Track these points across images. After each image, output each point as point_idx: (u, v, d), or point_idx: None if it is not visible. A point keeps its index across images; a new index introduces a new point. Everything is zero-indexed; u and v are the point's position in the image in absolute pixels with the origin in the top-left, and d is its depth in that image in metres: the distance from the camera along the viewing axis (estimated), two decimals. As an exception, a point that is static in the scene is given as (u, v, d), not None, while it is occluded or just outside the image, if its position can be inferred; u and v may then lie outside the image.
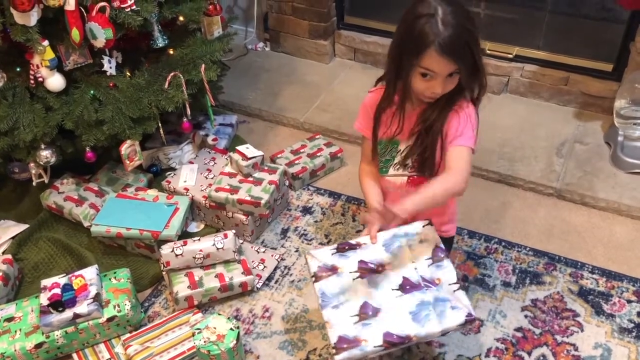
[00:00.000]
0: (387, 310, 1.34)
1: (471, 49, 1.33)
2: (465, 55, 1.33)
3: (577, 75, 2.48)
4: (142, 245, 1.98)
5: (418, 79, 1.38)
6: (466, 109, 1.46)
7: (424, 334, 1.30)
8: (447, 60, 1.32)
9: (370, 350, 1.28)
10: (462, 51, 1.32)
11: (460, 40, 1.31)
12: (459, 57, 1.33)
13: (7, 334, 1.66)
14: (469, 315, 1.32)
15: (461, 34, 1.31)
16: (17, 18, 1.71)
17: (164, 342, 1.70)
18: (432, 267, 1.41)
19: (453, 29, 1.30)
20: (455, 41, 1.30)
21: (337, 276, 1.41)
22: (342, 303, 1.36)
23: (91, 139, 1.95)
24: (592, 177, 2.20)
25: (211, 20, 2.18)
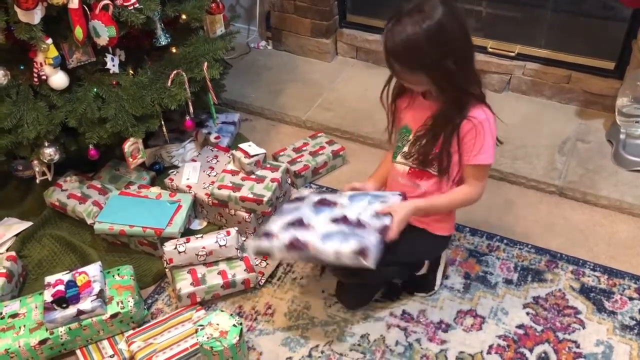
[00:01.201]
0: (312, 227, 1.54)
1: (414, 60, 1.41)
2: (405, 62, 1.43)
3: (579, 74, 2.49)
4: (145, 243, 1.99)
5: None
6: (484, 122, 1.49)
7: (320, 248, 1.48)
8: (389, 62, 1.45)
9: (275, 246, 1.53)
10: (402, 58, 1.42)
11: (401, 55, 1.41)
12: (397, 62, 1.44)
13: (12, 330, 1.67)
14: (362, 246, 1.44)
15: (403, 49, 1.40)
16: (21, 16, 1.72)
17: (167, 338, 1.71)
18: (373, 217, 1.53)
19: (400, 35, 1.39)
20: (395, 47, 1.40)
21: (301, 203, 1.67)
22: (288, 214, 1.62)
23: (94, 136, 1.96)
24: (594, 175, 2.21)
25: (214, 19, 2.18)
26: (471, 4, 2.65)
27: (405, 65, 1.43)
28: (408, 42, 1.38)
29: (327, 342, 1.75)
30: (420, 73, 1.43)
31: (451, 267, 1.94)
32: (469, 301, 1.84)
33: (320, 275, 1.92)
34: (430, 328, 1.77)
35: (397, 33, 1.39)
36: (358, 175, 2.25)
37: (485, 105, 1.53)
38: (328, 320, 1.81)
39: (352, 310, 1.82)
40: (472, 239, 2.04)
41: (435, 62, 1.39)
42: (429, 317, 1.80)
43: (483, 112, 1.50)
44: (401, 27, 1.38)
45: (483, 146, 1.49)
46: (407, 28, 1.37)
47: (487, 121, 1.50)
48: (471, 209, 2.13)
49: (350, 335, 1.76)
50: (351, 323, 1.79)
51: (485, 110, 1.51)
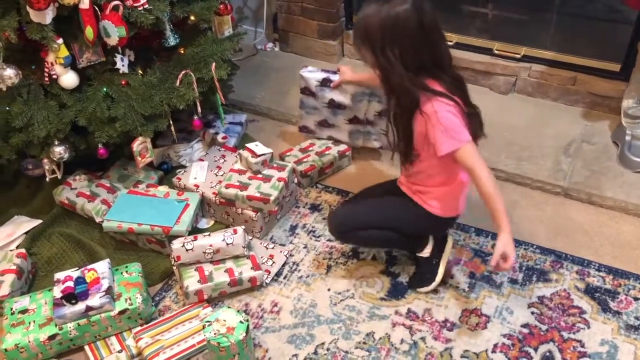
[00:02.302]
0: (333, 122, 2.33)
1: (363, 37, 1.57)
2: (357, 37, 1.61)
3: (584, 75, 2.49)
4: (153, 241, 2.01)
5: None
6: (431, 115, 1.56)
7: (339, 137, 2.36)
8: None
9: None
10: (356, 32, 1.62)
11: (357, 28, 1.62)
12: (354, 35, 1.64)
13: (22, 326, 1.69)
14: (380, 146, 2.35)
15: (360, 24, 1.59)
16: (32, 16, 1.74)
17: (175, 335, 1.73)
18: (376, 117, 2.26)
19: (362, 12, 1.58)
20: (356, 22, 1.62)
21: (314, 100, 2.30)
22: (311, 112, 2.35)
23: (104, 135, 1.99)
24: (600, 176, 2.21)
25: (222, 20, 2.21)
26: (477, 6, 2.66)
27: (357, 39, 1.62)
28: (364, 20, 1.56)
29: (333, 340, 1.76)
30: (367, 51, 1.59)
31: (456, 266, 1.95)
32: (474, 300, 1.85)
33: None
34: (435, 327, 1.78)
35: (362, 10, 1.58)
36: (364, 175, 2.27)
37: (438, 97, 1.58)
38: (334, 318, 1.82)
39: (334, 236, 1.90)
40: (477, 239, 2.05)
41: (380, 47, 1.54)
42: (434, 315, 1.81)
43: (431, 105, 1.56)
44: (367, 7, 1.56)
45: (437, 139, 1.57)
46: (370, 9, 1.55)
47: (434, 114, 1.56)
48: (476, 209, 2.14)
49: (355, 333, 1.78)
50: (357, 321, 1.81)
51: (435, 103, 1.57)
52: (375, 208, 1.83)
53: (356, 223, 1.82)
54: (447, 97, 1.58)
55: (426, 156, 1.67)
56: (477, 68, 2.68)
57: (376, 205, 1.84)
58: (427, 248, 1.88)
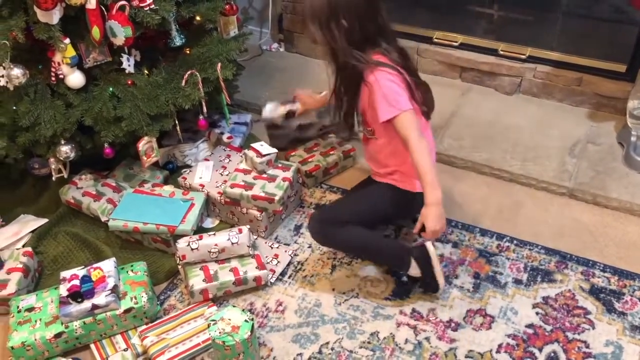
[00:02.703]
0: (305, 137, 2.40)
1: (309, 19, 1.65)
2: (308, 22, 1.67)
3: (590, 76, 2.49)
4: (159, 240, 2.02)
5: None
6: (373, 83, 1.63)
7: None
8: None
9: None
10: (305, 18, 1.68)
11: (305, 5, 1.70)
12: (305, 20, 1.70)
13: (28, 324, 1.70)
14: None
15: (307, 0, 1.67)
16: (40, 16, 1.76)
17: (180, 333, 1.73)
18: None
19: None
20: (304, 4, 1.73)
21: (282, 129, 2.31)
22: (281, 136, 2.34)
23: (110, 135, 2.00)
24: (605, 177, 2.21)
25: (227, 20, 2.21)
26: (482, 6, 2.66)
27: (305, 16, 1.69)
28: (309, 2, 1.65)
29: (337, 340, 1.76)
30: (313, 27, 1.65)
31: (461, 266, 1.95)
32: (478, 300, 1.85)
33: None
34: (439, 327, 1.78)
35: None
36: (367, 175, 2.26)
37: (380, 67, 1.63)
38: (338, 317, 1.82)
39: (314, 237, 1.85)
40: (482, 239, 2.05)
41: (326, 22, 1.61)
42: (438, 315, 1.81)
43: (372, 75, 1.63)
44: None
45: (378, 106, 1.62)
46: None
47: (376, 82, 1.62)
48: (481, 209, 2.14)
49: (360, 332, 1.78)
50: (361, 321, 1.81)
51: (377, 72, 1.63)
52: (351, 199, 1.94)
53: (332, 218, 1.82)
54: (390, 67, 1.63)
55: (380, 131, 1.73)
56: (483, 69, 2.68)
57: (352, 197, 1.92)
58: (413, 267, 1.81)
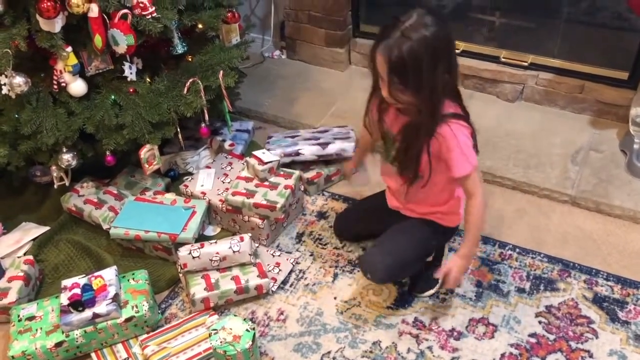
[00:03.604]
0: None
1: (408, 67, 1.40)
2: (399, 68, 1.42)
3: (592, 83, 2.49)
4: (160, 248, 2.01)
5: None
6: (449, 138, 1.53)
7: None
8: (381, 60, 1.44)
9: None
10: (398, 62, 1.41)
11: (400, 50, 1.39)
12: (394, 66, 1.42)
13: (29, 333, 1.70)
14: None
15: (406, 46, 1.39)
16: (42, 25, 1.76)
17: (181, 342, 1.73)
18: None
19: (402, 38, 1.40)
20: (395, 47, 1.40)
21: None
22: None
23: (111, 143, 2.00)
24: (608, 185, 2.20)
25: (229, 28, 2.22)
26: (484, 14, 2.66)
27: (395, 74, 1.44)
28: (398, 50, 1.40)
29: (339, 349, 1.75)
30: (404, 84, 1.45)
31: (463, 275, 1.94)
32: (481, 309, 1.84)
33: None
34: (442, 336, 1.77)
35: (386, 43, 1.42)
36: (370, 183, 2.26)
37: (454, 120, 1.55)
38: (340, 326, 1.82)
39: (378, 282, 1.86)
40: (484, 247, 2.04)
41: (422, 75, 1.42)
42: (441, 324, 1.80)
43: (449, 128, 1.53)
44: (392, 39, 1.41)
45: (455, 162, 1.55)
46: (398, 39, 1.40)
47: (453, 137, 1.53)
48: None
49: (362, 342, 1.77)
50: (363, 330, 1.80)
51: (452, 126, 1.53)
52: (402, 240, 1.77)
53: (398, 264, 1.74)
54: (463, 118, 1.57)
55: (438, 181, 1.64)
56: (484, 76, 2.67)
57: (400, 237, 1.77)
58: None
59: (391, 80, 1.45)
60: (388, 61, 1.42)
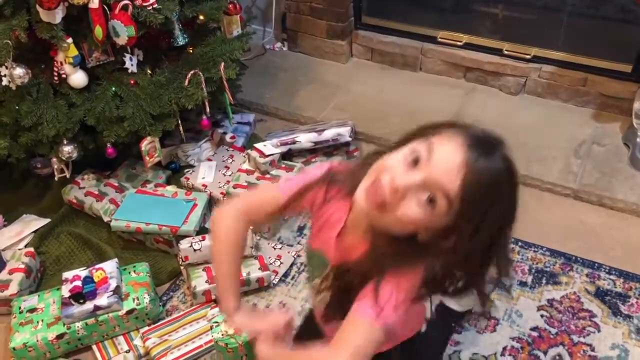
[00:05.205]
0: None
1: (486, 208, 0.86)
2: (477, 201, 0.85)
3: (595, 76, 2.47)
4: (161, 240, 2.01)
5: (397, 155, 0.89)
6: (404, 283, 0.95)
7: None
8: (457, 158, 0.84)
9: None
10: (482, 187, 0.85)
11: (496, 174, 0.87)
12: (470, 189, 0.84)
13: (30, 325, 1.70)
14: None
15: (490, 180, 0.86)
16: (42, 16, 1.75)
17: (182, 335, 1.73)
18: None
19: (487, 170, 0.86)
20: (490, 169, 0.86)
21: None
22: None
23: (112, 135, 1.99)
24: (610, 178, 2.19)
25: (230, 20, 2.20)
26: (487, 6, 2.65)
27: (468, 207, 0.85)
28: (492, 181, 0.86)
29: (341, 342, 1.75)
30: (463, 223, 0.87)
31: (465, 268, 1.94)
32: (482, 303, 1.83)
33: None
34: (443, 329, 1.77)
35: (483, 167, 0.85)
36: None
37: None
38: (341, 319, 1.81)
39: None
40: (486, 241, 2.03)
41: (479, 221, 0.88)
42: (442, 318, 1.80)
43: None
44: (489, 162, 0.86)
45: (386, 304, 0.96)
46: (496, 164, 0.87)
47: (395, 286, 0.95)
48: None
49: (363, 334, 1.77)
50: (364, 323, 1.80)
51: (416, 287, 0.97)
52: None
53: None
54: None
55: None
56: (487, 69, 2.66)
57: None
58: None
59: (451, 208, 0.86)
60: (474, 181, 0.84)
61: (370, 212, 0.90)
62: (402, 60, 2.84)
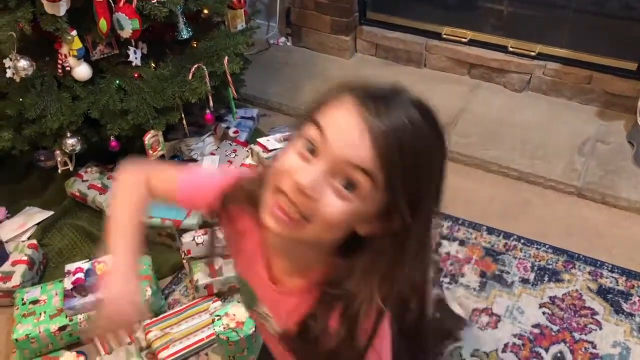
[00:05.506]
0: None
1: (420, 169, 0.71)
2: (400, 160, 0.69)
3: (600, 74, 2.46)
4: (164, 234, 2.01)
5: (290, 153, 0.73)
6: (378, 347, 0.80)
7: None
8: (361, 127, 0.68)
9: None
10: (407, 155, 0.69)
11: (416, 138, 0.71)
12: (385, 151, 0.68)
13: (32, 316, 1.70)
14: None
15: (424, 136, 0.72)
16: (47, 8, 1.74)
17: (184, 328, 1.73)
18: None
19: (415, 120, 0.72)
20: (406, 131, 0.70)
21: None
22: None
23: (116, 128, 1.99)
24: (614, 177, 2.19)
25: (235, 14, 2.20)
26: (492, 3, 2.64)
27: (394, 172, 0.69)
28: (406, 133, 0.70)
29: (342, 337, 1.75)
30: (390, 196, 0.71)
31: (467, 265, 1.94)
32: (484, 299, 1.83)
33: None
34: (445, 325, 1.77)
35: (389, 122, 0.69)
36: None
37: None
38: (343, 314, 1.81)
39: None
40: (488, 238, 2.03)
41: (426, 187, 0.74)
42: (444, 314, 1.80)
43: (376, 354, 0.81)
44: (393, 114, 0.70)
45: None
46: (403, 113, 0.71)
47: (384, 344, 0.83)
48: (488, 207, 2.13)
49: (365, 330, 1.77)
50: (366, 318, 1.80)
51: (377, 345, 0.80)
52: None
53: None
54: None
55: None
56: (492, 65, 2.65)
57: None
58: None
59: (375, 183, 0.69)
60: (384, 140, 0.68)
61: (290, 233, 0.72)
62: (407, 56, 2.84)
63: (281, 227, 0.72)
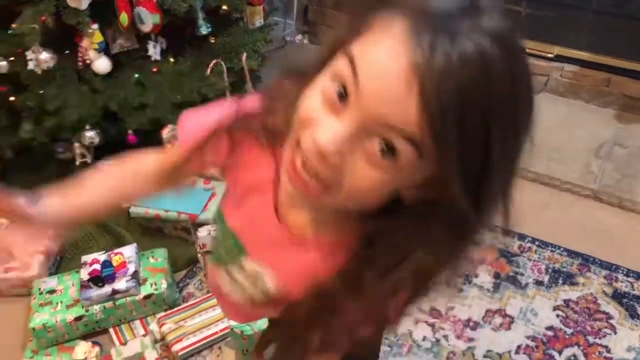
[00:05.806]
0: None
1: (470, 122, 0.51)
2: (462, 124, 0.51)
3: (618, 77, 2.45)
4: (179, 228, 2.02)
5: (315, 93, 0.57)
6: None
7: None
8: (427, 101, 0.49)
9: None
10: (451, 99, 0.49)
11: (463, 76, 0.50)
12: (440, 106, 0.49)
13: (49, 306, 1.72)
14: None
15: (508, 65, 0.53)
16: (69, 1, 1.76)
17: (198, 321, 1.74)
18: None
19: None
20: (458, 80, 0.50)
21: None
22: None
23: (134, 122, 2.00)
24: (631, 180, 2.17)
25: (254, 10, 2.21)
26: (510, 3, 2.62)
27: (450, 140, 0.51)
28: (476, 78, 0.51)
29: (355, 334, 1.76)
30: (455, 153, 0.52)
31: (481, 266, 1.93)
32: (498, 301, 1.83)
33: None
34: (458, 325, 1.77)
35: (450, 60, 0.49)
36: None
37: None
38: (356, 312, 1.82)
39: None
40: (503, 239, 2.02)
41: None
42: (457, 314, 1.80)
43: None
44: (459, 46, 0.50)
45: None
46: (472, 43, 0.51)
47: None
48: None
49: (377, 328, 1.77)
50: (379, 316, 1.80)
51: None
52: None
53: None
54: None
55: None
56: (509, 66, 2.64)
57: None
58: None
59: (419, 147, 0.52)
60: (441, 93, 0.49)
61: (311, 201, 0.60)
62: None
63: (297, 190, 0.59)
